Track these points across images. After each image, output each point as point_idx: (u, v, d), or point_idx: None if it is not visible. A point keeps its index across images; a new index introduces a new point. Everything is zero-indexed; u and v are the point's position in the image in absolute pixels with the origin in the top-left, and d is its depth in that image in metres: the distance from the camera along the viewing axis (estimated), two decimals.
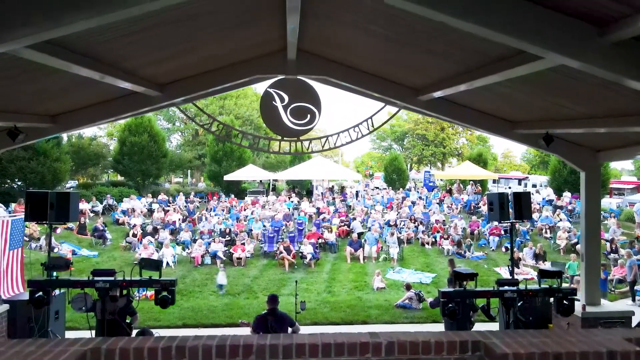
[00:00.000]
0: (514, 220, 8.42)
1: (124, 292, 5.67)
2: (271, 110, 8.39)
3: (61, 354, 2.16)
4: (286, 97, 8.36)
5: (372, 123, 9.76)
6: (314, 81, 8.49)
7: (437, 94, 7.16)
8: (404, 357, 2.36)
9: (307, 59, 7.76)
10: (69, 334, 8.06)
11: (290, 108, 8.44)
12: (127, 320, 6.26)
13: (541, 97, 6.37)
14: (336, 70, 7.95)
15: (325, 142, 9.91)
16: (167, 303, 5.23)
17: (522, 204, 8.35)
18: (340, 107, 78.64)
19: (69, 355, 2.16)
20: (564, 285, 11.21)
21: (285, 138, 9.06)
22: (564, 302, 5.17)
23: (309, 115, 8.51)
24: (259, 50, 7.65)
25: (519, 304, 5.12)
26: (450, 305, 4.84)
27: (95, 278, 5.41)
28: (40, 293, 5.16)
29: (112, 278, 5.42)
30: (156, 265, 5.58)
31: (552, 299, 5.32)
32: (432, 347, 2.38)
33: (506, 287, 5.29)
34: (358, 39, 6.45)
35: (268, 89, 8.35)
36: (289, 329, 6.88)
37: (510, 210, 8.21)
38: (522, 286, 5.40)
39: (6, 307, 8.00)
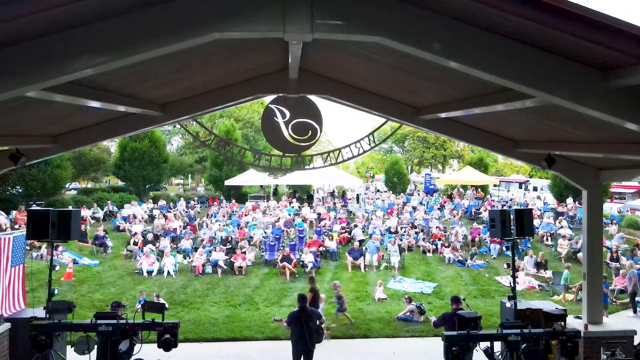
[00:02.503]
0: (515, 237, 8.42)
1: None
2: (272, 126, 8.37)
3: None
4: (287, 113, 8.34)
5: (374, 139, 9.79)
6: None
7: (438, 115, 7.15)
8: None
9: (308, 78, 7.76)
10: (71, 352, 8.03)
11: (291, 124, 8.41)
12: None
13: (542, 122, 6.36)
14: (338, 89, 7.96)
15: (327, 157, 9.92)
16: (169, 346, 5.22)
17: (523, 220, 8.35)
18: (343, 114, 78.25)
19: None
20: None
21: (286, 154, 9.06)
22: (568, 344, 5.15)
23: (310, 131, 8.49)
24: (260, 71, 7.65)
25: (522, 347, 5.11)
26: (454, 349, 4.82)
27: (98, 322, 5.38)
28: (43, 337, 5.15)
29: (114, 321, 5.37)
30: (159, 308, 5.57)
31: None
32: None
33: (510, 331, 5.26)
34: (361, 64, 6.45)
35: (269, 105, 8.34)
36: (317, 322, 7.85)
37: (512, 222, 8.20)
38: (525, 330, 5.35)
39: (8, 325, 8.00)
